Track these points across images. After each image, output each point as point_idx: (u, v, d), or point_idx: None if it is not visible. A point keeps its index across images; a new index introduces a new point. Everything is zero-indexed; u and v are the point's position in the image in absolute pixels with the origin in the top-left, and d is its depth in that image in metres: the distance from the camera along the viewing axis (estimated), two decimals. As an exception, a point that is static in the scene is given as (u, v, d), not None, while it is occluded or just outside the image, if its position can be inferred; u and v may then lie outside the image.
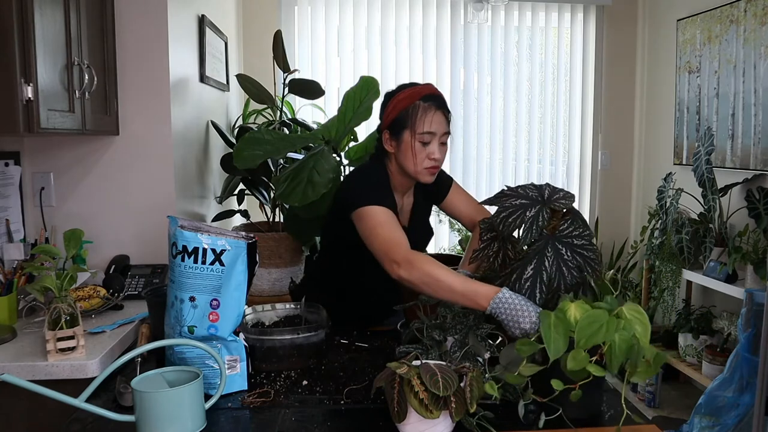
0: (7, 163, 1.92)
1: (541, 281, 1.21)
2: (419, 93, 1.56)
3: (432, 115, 1.54)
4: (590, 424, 1.13)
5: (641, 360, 1.03)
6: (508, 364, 1.11)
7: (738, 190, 2.97)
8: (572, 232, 1.26)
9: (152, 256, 2.07)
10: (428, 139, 1.54)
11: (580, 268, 1.23)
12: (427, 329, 1.30)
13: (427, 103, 1.54)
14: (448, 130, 1.58)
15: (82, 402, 1.06)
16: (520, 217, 1.25)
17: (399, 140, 1.58)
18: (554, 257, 1.22)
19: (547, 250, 1.22)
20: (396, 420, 1.03)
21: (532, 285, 1.22)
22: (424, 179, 1.60)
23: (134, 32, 2.04)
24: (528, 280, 1.22)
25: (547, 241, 1.24)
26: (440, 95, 1.60)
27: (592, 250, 1.25)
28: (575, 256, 1.23)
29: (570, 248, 1.23)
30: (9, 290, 1.68)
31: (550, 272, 1.21)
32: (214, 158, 2.80)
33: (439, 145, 1.57)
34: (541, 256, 1.23)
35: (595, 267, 1.24)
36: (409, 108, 1.54)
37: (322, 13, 3.65)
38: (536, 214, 1.25)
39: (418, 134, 1.54)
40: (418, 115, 1.53)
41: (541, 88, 3.94)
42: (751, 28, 2.92)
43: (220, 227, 1.38)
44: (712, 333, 3.02)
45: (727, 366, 2.44)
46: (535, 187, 1.32)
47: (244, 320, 1.42)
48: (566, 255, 1.23)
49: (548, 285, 1.21)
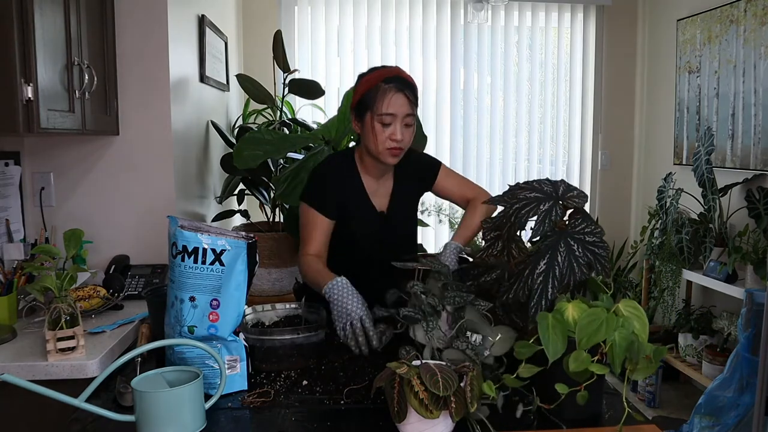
0: (7, 163, 1.92)
1: (553, 276, 1.20)
2: (382, 75, 1.60)
3: (392, 97, 1.56)
4: (590, 424, 1.13)
5: (641, 357, 1.03)
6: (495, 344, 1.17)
7: (738, 190, 2.97)
8: (584, 228, 1.25)
9: (152, 256, 2.07)
10: (388, 121, 1.57)
11: (590, 265, 1.22)
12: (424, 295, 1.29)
13: (388, 85, 1.57)
14: (410, 112, 1.60)
15: (82, 402, 1.06)
16: (533, 210, 1.25)
17: (362, 122, 1.62)
18: (566, 253, 1.21)
19: (559, 246, 1.21)
20: (396, 420, 1.03)
21: (544, 280, 1.20)
22: (387, 160, 1.63)
23: (134, 32, 2.04)
24: (540, 275, 1.20)
25: (559, 237, 1.23)
26: (404, 78, 1.62)
27: (603, 248, 1.23)
28: (586, 252, 1.22)
29: (582, 245, 1.22)
30: (9, 290, 1.68)
31: (562, 268, 1.20)
32: (214, 158, 2.80)
33: (403, 126, 1.59)
34: (553, 251, 1.21)
35: (604, 264, 1.24)
36: (372, 90, 1.58)
37: (322, 13, 3.65)
38: (550, 209, 1.24)
39: (377, 115, 1.57)
40: (378, 96, 1.57)
41: (541, 88, 3.94)
42: (751, 28, 2.92)
43: (220, 227, 1.38)
44: (712, 333, 3.02)
45: (727, 366, 2.44)
46: (549, 182, 1.31)
47: (244, 320, 1.42)
48: (578, 251, 1.22)
49: (560, 280, 1.20)
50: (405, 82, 1.60)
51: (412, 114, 1.61)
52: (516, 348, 1.10)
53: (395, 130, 1.58)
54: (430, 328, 1.25)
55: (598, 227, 1.26)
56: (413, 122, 1.63)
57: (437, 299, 1.29)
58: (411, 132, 1.63)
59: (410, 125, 1.61)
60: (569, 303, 1.10)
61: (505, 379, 1.09)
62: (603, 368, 1.03)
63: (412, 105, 1.60)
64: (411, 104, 1.60)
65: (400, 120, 1.58)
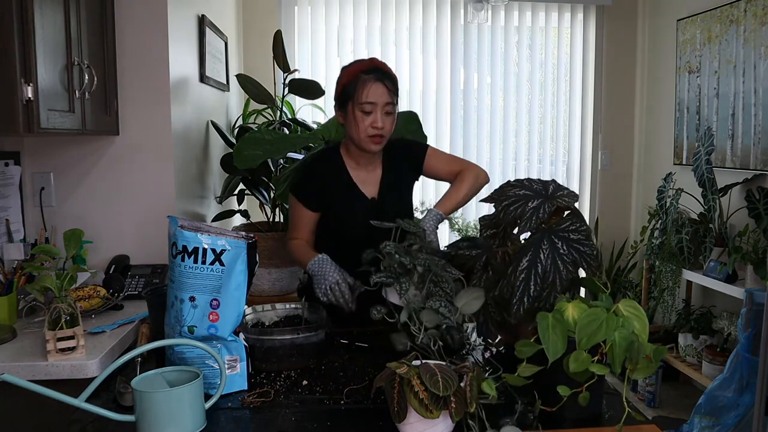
0: (7, 163, 1.92)
1: (535, 274, 1.21)
2: (362, 66, 1.70)
3: (371, 86, 1.66)
4: (590, 424, 1.13)
5: (641, 357, 1.03)
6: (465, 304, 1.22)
7: (738, 190, 2.97)
8: (569, 226, 1.25)
9: (152, 256, 2.07)
10: (369, 109, 1.66)
11: (576, 263, 1.22)
12: (396, 254, 1.31)
13: (367, 76, 1.67)
14: (389, 101, 1.68)
15: (82, 402, 1.06)
16: (521, 207, 1.26)
17: (345, 112, 1.71)
18: (550, 251, 1.22)
19: (543, 243, 1.22)
20: (396, 420, 1.03)
21: (526, 277, 1.21)
22: (369, 147, 1.71)
23: (134, 32, 2.04)
24: (522, 272, 1.21)
25: (543, 234, 1.24)
26: (383, 68, 1.70)
27: (588, 246, 1.24)
28: (571, 250, 1.22)
29: (566, 242, 1.23)
30: (9, 290, 1.68)
31: (545, 265, 1.21)
32: (214, 158, 2.80)
33: (384, 114, 1.68)
34: (536, 248, 1.22)
35: (591, 262, 1.24)
36: (352, 81, 1.68)
37: (322, 13, 3.65)
38: (537, 206, 1.25)
39: (358, 104, 1.67)
40: (358, 86, 1.66)
41: (541, 88, 3.94)
42: (751, 28, 2.92)
43: (220, 227, 1.38)
44: (712, 333, 3.02)
45: (727, 366, 2.44)
46: (540, 182, 1.33)
47: (244, 320, 1.42)
48: (562, 249, 1.22)
49: (542, 278, 1.21)
50: (384, 73, 1.69)
51: (392, 102, 1.70)
52: (517, 347, 1.10)
53: (376, 118, 1.67)
54: (403, 289, 1.26)
55: (583, 225, 1.26)
56: (393, 111, 1.71)
57: (409, 258, 1.30)
58: (392, 120, 1.71)
59: (390, 113, 1.70)
60: (569, 303, 1.10)
61: (507, 378, 1.09)
62: (603, 368, 1.03)
63: (391, 94, 1.69)
64: (390, 93, 1.69)
65: (381, 108, 1.67)
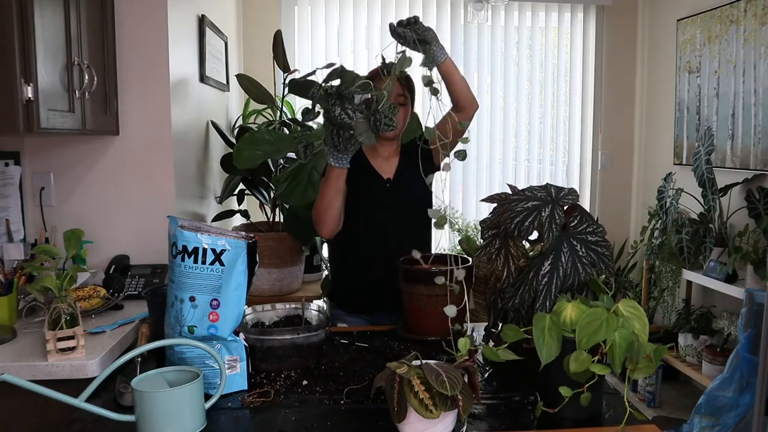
0: (7, 163, 1.92)
1: (557, 277, 1.22)
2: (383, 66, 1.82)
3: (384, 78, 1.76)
4: (590, 424, 1.13)
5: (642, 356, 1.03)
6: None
7: (738, 190, 2.97)
8: (586, 228, 1.26)
9: (152, 256, 2.07)
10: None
11: (594, 264, 1.24)
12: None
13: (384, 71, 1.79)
14: (400, 92, 1.85)
15: (82, 402, 1.06)
16: (537, 219, 1.26)
17: None
18: (570, 253, 1.23)
19: (563, 246, 1.23)
20: (396, 420, 1.03)
21: (549, 281, 1.22)
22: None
23: (134, 32, 2.04)
24: (545, 276, 1.23)
25: (562, 238, 1.25)
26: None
27: (605, 246, 1.25)
28: (590, 252, 1.24)
29: (585, 244, 1.24)
30: (9, 290, 1.68)
31: (566, 268, 1.22)
32: (214, 158, 2.80)
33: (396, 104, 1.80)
34: (557, 252, 1.23)
35: (608, 263, 1.25)
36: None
37: (322, 13, 3.65)
38: (551, 213, 1.25)
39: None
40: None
41: (541, 88, 3.93)
42: (751, 28, 2.92)
43: (220, 227, 1.38)
44: (712, 333, 3.02)
45: (727, 366, 2.44)
46: (540, 188, 1.32)
47: (244, 320, 1.42)
48: (581, 251, 1.24)
49: (563, 281, 1.22)
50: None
51: (403, 95, 1.86)
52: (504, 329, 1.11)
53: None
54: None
55: (599, 227, 1.27)
56: (405, 103, 1.87)
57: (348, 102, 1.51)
58: (404, 111, 1.86)
59: (403, 105, 1.85)
60: (568, 303, 1.11)
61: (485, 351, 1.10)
62: (604, 368, 1.03)
63: (403, 87, 1.86)
64: (402, 86, 1.85)
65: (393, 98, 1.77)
